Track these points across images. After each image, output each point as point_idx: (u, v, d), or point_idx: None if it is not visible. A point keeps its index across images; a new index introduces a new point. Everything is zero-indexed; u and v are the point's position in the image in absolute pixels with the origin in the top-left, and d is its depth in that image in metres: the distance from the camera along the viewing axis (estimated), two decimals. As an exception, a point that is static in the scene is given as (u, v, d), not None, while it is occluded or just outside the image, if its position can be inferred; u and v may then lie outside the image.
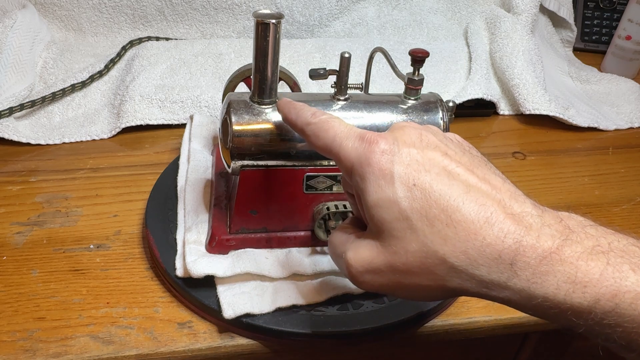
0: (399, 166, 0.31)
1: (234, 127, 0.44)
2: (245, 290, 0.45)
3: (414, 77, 0.46)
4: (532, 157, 0.69)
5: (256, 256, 0.47)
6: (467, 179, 0.32)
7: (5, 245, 0.51)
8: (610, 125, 0.75)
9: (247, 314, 0.43)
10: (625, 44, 0.85)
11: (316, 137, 0.36)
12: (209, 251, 0.47)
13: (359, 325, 0.44)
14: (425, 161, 0.32)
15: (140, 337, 0.44)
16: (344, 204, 0.47)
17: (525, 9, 0.82)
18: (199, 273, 0.44)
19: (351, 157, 0.33)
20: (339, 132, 0.34)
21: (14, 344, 0.42)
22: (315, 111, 0.37)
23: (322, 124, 0.36)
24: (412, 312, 0.45)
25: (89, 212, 0.56)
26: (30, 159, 0.63)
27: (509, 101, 0.78)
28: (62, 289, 0.47)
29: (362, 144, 0.33)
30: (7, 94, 0.67)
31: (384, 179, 0.31)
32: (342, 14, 0.88)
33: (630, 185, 0.65)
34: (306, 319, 0.44)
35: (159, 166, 0.60)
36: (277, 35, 0.41)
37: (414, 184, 0.31)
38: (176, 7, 0.83)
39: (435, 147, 0.33)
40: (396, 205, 0.31)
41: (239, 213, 0.47)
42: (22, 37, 0.72)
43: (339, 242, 0.36)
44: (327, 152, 0.35)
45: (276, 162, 0.45)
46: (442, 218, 0.30)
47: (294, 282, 0.46)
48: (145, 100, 0.68)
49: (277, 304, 0.44)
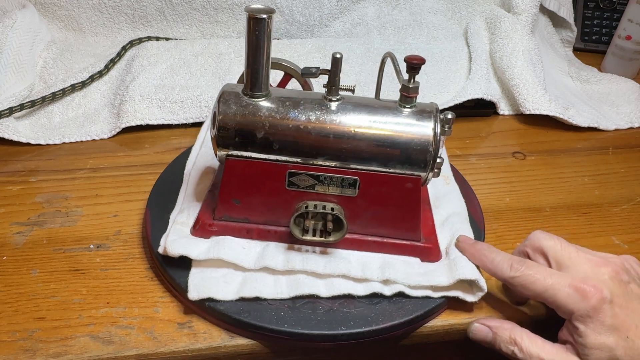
0: (616, 319, 0.38)
1: (219, 117, 0.45)
2: (215, 275, 0.46)
3: (409, 84, 0.45)
4: (532, 157, 0.69)
5: (234, 245, 0.48)
6: None
7: (5, 245, 0.51)
8: (610, 125, 0.75)
9: (210, 298, 0.44)
10: (625, 44, 0.85)
11: (524, 289, 0.42)
12: (192, 234, 0.49)
13: (345, 328, 0.43)
14: (634, 316, 0.39)
15: (140, 337, 0.44)
16: (324, 205, 0.47)
17: (525, 9, 0.82)
18: (174, 252, 0.45)
19: (570, 306, 0.39)
20: (548, 286, 0.40)
21: (14, 344, 0.42)
22: (511, 263, 0.42)
23: (526, 278, 0.41)
24: (403, 318, 0.44)
25: (89, 212, 0.56)
26: (30, 159, 0.63)
27: (509, 101, 0.78)
28: (62, 289, 0.47)
29: (578, 295, 0.39)
30: (7, 94, 0.67)
31: (602, 328, 0.38)
32: (342, 14, 0.88)
33: (630, 185, 0.65)
34: (275, 314, 0.44)
35: (159, 166, 0.60)
36: (268, 29, 0.42)
37: (627, 336, 0.38)
38: (176, 7, 0.83)
39: (637, 297, 0.40)
40: (612, 352, 0.38)
41: (222, 201, 0.48)
42: (22, 37, 0.72)
43: None
44: (539, 299, 0.42)
45: (259, 155, 0.46)
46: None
47: (264, 275, 0.46)
48: (145, 100, 0.68)
49: (242, 294, 0.45)
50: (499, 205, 0.60)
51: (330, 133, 0.45)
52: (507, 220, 0.58)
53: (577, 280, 0.39)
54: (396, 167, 0.46)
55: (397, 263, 0.47)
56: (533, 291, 0.41)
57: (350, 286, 0.46)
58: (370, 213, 0.48)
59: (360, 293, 0.45)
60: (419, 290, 0.46)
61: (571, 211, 0.60)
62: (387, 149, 0.45)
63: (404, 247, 0.48)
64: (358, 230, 0.49)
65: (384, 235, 0.49)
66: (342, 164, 0.46)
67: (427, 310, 0.45)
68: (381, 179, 0.46)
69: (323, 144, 0.45)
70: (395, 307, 0.45)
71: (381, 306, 0.45)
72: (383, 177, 0.46)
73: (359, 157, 0.45)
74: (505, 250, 0.54)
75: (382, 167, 0.46)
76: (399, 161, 0.45)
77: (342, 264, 0.46)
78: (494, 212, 0.59)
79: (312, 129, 0.45)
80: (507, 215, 0.58)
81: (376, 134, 0.45)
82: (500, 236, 0.55)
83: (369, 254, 0.49)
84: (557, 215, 0.59)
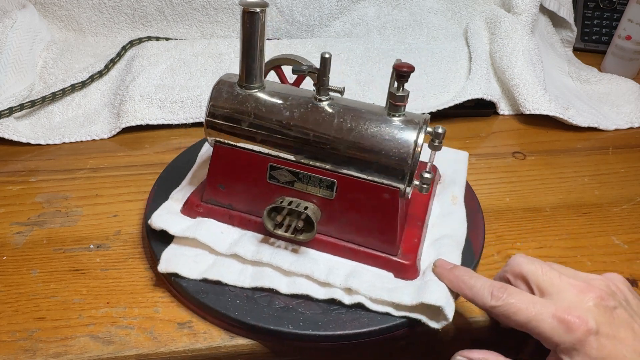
0: (603, 351, 0.37)
1: (211, 103, 0.47)
2: (188, 254, 0.48)
3: (398, 92, 0.43)
4: (532, 157, 0.69)
5: (213, 228, 0.49)
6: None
7: (5, 245, 0.51)
8: (610, 125, 0.75)
9: (176, 273, 0.46)
10: (625, 44, 0.85)
11: (506, 319, 0.39)
12: (181, 212, 0.51)
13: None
14: (622, 346, 0.37)
15: (140, 337, 0.44)
16: (299, 203, 0.46)
17: (525, 9, 0.82)
18: (156, 225, 0.48)
19: (554, 338, 0.37)
20: (531, 317, 0.38)
21: (14, 344, 0.42)
22: (492, 290, 0.40)
23: (508, 307, 0.39)
24: (354, 330, 0.43)
25: (89, 212, 0.56)
26: (30, 159, 0.63)
27: (509, 101, 0.78)
28: (62, 289, 0.47)
29: (563, 326, 0.37)
30: (7, 94, 0.67)
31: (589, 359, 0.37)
32: (342, 14, 0.88)
33: (630, 185, 0.65)
34: (232, 300, 0.45)
35: (159, 166, 0.60)
36: (262, 23, 0.44)
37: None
38: (176, 7, 0.83)
39: (625, 324, 0.38)
40: None
41: (209, 185, 0.50)
42: (22, 37, 0.72)
43: None
44: (522, 330, 0.39)
45: (244, 145, 0.47)
46: None
47: (233, 261, 0.47)
48: (145, 100, 0.68)
49: (205, 275, 0.46)
50: (499, 205, 0.60)
51: (311, 132, 0.45)
52: (507, 220, 0.58)
53: (561, 311, 0.37)
54: (374, 175, 0.44)
55: (366, 274, 0.46)
56: (515, 322, 0.39)
57: (311, 288, 0.45)
58: (346, 218, 0.47)
59: (320, 296, 0.45)
60: (379, 305, 0.44)
61: (571, 211, 0.60)
62: (365, 155, 0.44)
63: (378, 259, 0.47)
64: (334, 234, 0.48)
65: (360, 244, 0.47)
66: (320, 165, 0.46)
67: (383, 328, 0.43)
68: (359, 185, 0.45)
69: (303, 142, 0.45)
70: (351, 317, 0.44)
71: (337, 314, 0.44)
72: (361, 183, 0.45)
73: (337, 159, 0.45)
74: (505, 250, 0.54)
75: (360, 173, 0.45)
76: (376, 169, 0.44)
77: (308, 265, 0.46)
78: (494, 212, 0.59)
79: (293, 126, 0.45)
80: (507, 215, 0.58)
81: (356, 139, 0.44)
82: (500, 236, 0.55)
83: (340, 259, 0.48)
84: (557, 215, 0.59)
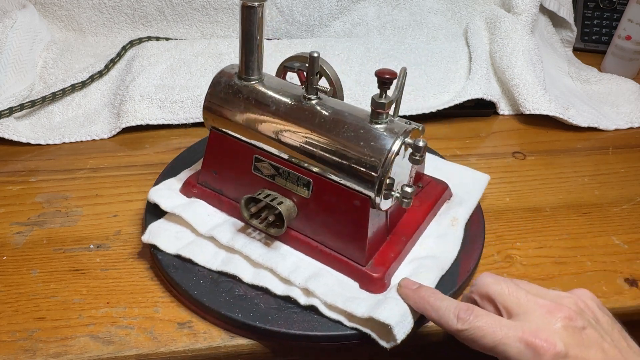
0: None
1: (209, 90, 0.50)
2: (171, 230, 0.50)
3: (379, 99, 0.42)
4: (532, 157, 0.69)
5: (200, 209, 0.52)
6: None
7: (5, 245, 0.51)
8: (610, 125, 0.75)
9: (155, 245, 0.48)
10: (625, 44, 0.85)
11: (473, 343, 0.38)
12: (180, 191, 0.54)
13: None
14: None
15: (140, 337, 0.44)
16: (275, 198, 0.46)
17: (525, 9, 0.82)
18: (151, 199, 0.51)
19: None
20: (498, 341, 0.37)
21: (14, 344, 0.42)
22: (458, 312, 0.39)
23: (474, 332, 0.38)
24: (298, 331, 0.43)
25: (89, 212, 0.56)
26: (30, 159, 0.63)
27: (509, 101, 0.78)
28: (62, 289, 0.47)
29: (530, 351, 0.36)
30: (7, 94, 0.67)
31: None
32: (342, 14, 0.88)
33: (630, 185, 0.65)
34: (196, 279, 0.46)
35: (159, 166, 0.60)
36: (260, 17, 0.45)
37: None
38: (176, 7, 0.83)
39: (595, 344, 0.37)
40: None
41: (204, 168, 0.52)
42: (22, 37, 0.72)
43: None
44: (489, 353, 0.38)
45: (233, 133, 0.49)
46: None
47: (209, 244, 0.49)
48: (145, 100, 0.68)
49: (180, 252, 0.48)
50: (499, 205, 0.60)
51: (291, 129, 0.46)
52: (507, 220, 0.58)
53: (528, 334, 0.36)
54: (346, 180, 0.44)
55: (329, 278, 0.46)
56: (482, 346, 0.38)
57: (272, 282, 0.46)
58: (320, 219, 0.47)
59: (278, 292, 0.45)
60: (333, 312, 0.44)
61: (571, 211, 0.60)
62: (338, 158, 0.44)
63: (346, 266, 0.47)
64: (308, 234, 0.48)
65: (331, 247, 0.47)
66: (297, 162, 0.46)
67: (332, 335, 0.43)
68: (332, 188, 0.45)
69: (283, 137, 0.46)
70: (302, 318, 0.44)
71: (290, 312, 0.44)
72: (334, 186, 0.45)
73: (312, 159, 0.45)
74: (505, 250, 0.54)
75: (333, 176, 0.45)
76: (348, 174, 0.44)
77: (275, 259, 0.47)
78: (494, 212, 0.59)
79: (276, 121, 0.46)
80: (507, 215, 0.58)
81: (331, 141, 0.44)
82: (500, 236, 0.55)
83: (310, 259, 0.48)
84: (557, 215, 0.59)
